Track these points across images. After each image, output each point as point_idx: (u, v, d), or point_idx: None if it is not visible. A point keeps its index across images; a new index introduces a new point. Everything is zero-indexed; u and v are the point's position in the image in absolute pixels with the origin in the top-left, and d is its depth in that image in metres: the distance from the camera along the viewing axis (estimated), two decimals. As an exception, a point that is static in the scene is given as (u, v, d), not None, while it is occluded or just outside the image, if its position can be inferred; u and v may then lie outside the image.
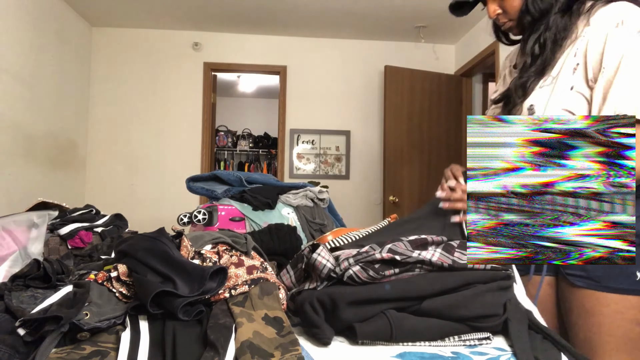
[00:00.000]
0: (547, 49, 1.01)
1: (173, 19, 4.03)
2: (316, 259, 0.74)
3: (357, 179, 4.41)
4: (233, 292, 0.72)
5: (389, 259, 0.72)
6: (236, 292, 0.72)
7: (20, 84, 3.10)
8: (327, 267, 0.73)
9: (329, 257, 0.74)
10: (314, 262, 0.74)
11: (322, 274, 0.73)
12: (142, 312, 0.66)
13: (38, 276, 0.80)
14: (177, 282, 0.66)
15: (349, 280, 0.71)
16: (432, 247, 0.76)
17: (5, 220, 1.21)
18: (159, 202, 4.15)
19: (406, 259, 0.72)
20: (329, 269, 0.73)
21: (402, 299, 0.70)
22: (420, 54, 4.41)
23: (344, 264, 0.72)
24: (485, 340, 0.69)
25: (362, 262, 0.72)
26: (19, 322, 0.60)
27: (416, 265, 0.73)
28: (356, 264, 0.72)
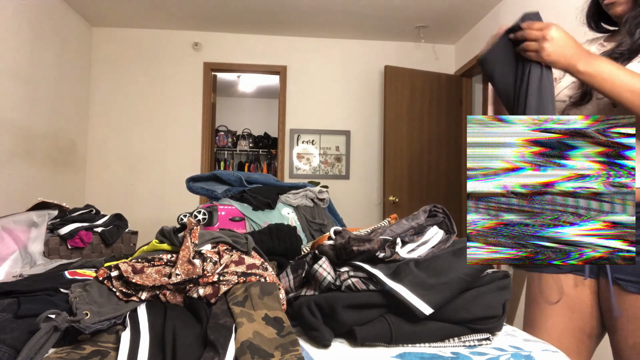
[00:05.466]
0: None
1: (173, 19, 4.03)
2: (317, 270, 0.75)
3: (357, 179, 4.41)
4: (222, 278, 0.73)
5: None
6: (224, 279, 0.73)
7: (20, 84, 3.10)
8: (328, 280, 0.74)
9: (330, 269, 0.75)
10: (315, 272, 0.75)
11: (322, 285, 0.75)
12: (142, 312, 0.66)
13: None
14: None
15: (346, 289, 0.72)
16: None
17: (5, 220, 1.21)
18: (159, 202, 4.15)
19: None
20: (329, 282, 0.74)
21: (400, 307, 0.70)
22: (420, 54, 4.42)
23: (344, 276, 0.73)
24: (485, 340, 0.69)
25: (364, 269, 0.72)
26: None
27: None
28: (355, 277, 0.72)
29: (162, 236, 0.86)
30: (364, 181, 4.40)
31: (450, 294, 0.68)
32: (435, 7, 3.65)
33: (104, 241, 1.55)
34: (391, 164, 3.97)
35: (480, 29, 3.92)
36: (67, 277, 0.89)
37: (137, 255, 0.87)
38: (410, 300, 0.65)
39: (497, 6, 3.53)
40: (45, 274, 0.98)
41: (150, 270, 0.74)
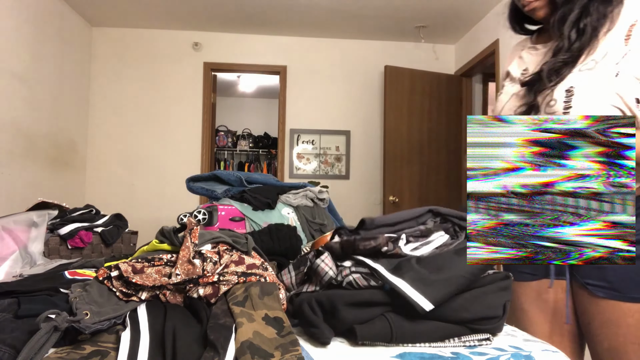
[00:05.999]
0: (587, 34, 0.93)
1: (173, 19, 4.03)
2: (319, 265, 0.75)
3: (357, 179, 4.41)
4: (222, 278, 0.73)
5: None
6: (224, 279, 0.73)
7: (20, 84, 3.10)
8: (329, 275, 0.74)
9: (332, 264, 0.75)
10: (317, 267, 0.75)
11: (323, 281, 0.74)
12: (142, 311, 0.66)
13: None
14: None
15: (347, 286, 0.72)
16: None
17: (5, 220, 1.21)
18: (159, 202, 4.15)
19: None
20: (330, 277, 0.74)
21: (401, 304, 0.70)
22: (420, 54, 4.41)
23: (345, 272, 0.73)
24: (486, 341, 0.69)
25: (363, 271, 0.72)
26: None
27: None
28: (357, 272, 0.72)
29: (162, 236, 0.86)
30: (364, 181, 4.40)
31: (451, 291, 0.67)
32: (435, 7, 3.65)
33: (104, 241, 1.55)
34: (391, 164, 3.97)
35: (480, 29, 3.92)
36: (67, 277, 0.90)
37: (137, 255, 0.87)
38: (411, 296, 0.65)
39: (497, 6, 3.53)
40: (45, 274, 0.98)
41: (150, 270, 0.74)
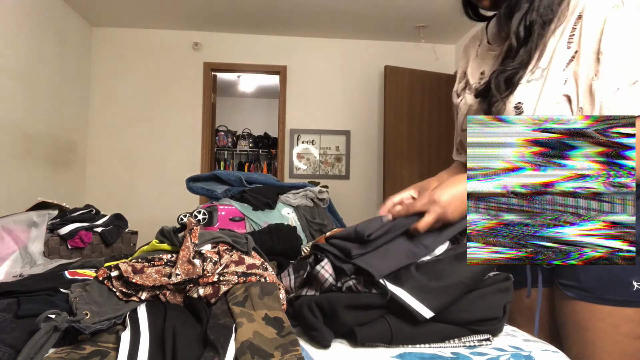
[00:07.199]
0: (535, 33, 0.84)
1: (173, 19, 4.03)
2: (319, 272, 0.75)
3: (357, 179, 4.41)
4: (222, 278, 0.73)
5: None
6: (224, 279, 0.73)
7: (20, 84, 3.10)
8: (329, 282, 0.74)
9: (332, 271, 0.75)
10: (317, 274, 0.75)
11: (324, 287, 0.75)
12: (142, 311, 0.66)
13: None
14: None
15: (347, 290, 0.72)
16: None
17: (5, 220, 1.21)
18: (159, 202, 4.15)
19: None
20: (330, 284, 0.74)
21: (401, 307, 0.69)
22: (420, 54, 4.41)
23: (344, 278, 0.73)
24: (486, 341, 0.69)
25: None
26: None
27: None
28: (356, 279, 0.73)
29: (162, 236, 0.86)
30: (364, 181, 4.40)
31: (451, 298, 0.67)
32: (435, 7, 3.65)
33: (104, 241, 1.55)
34: (391, 164, 3.97)
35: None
36: (67, 277, 0.90)
37: (137, 255, 0.87)
38: (411, 304, 0.65)
39: (497, 6, 3.53)
40: (45, 274, 0.98)
41: (150, 270, 0.74)
